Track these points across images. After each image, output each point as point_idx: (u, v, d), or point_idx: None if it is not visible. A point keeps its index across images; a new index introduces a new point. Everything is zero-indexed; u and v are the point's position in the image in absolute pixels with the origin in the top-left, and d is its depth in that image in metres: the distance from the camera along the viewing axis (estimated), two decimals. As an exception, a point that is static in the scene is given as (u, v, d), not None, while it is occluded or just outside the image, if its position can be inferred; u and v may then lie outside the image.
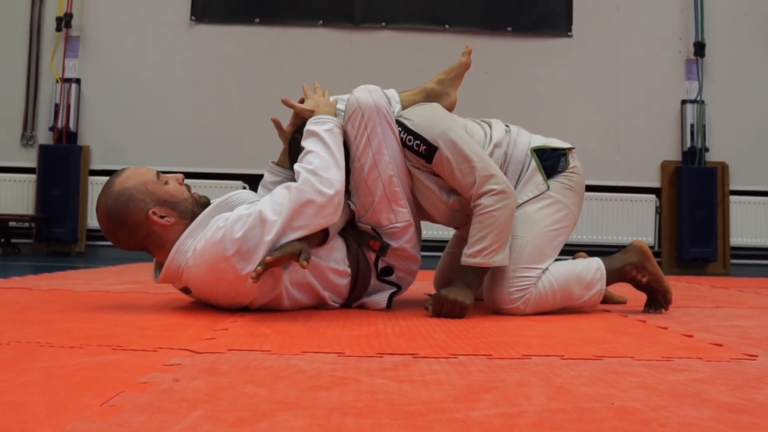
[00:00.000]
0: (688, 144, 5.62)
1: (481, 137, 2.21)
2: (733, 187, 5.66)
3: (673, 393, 1.13)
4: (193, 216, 1.96)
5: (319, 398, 1.03)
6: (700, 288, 3.54)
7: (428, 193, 2.14)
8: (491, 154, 2.17)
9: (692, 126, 5.63)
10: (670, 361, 1.41)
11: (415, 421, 0.93)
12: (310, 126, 2.04)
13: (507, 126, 2.30)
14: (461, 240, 2.38)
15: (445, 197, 2.13)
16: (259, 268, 1.79)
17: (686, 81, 5.72)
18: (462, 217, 2.19)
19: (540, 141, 2.27)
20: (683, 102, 5.68)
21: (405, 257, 2.15)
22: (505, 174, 2.16)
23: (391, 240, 2.12)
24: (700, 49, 5.66)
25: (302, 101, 2.17)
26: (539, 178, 2.20)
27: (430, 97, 2.38)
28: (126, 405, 0.96)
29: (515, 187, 2.18)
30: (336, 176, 1.93)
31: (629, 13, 5.73)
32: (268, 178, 2.28)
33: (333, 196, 1.90)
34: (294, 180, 1.97)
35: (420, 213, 2.24)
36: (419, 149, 2.08)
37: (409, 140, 2.09)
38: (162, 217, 1.93)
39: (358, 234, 2.14)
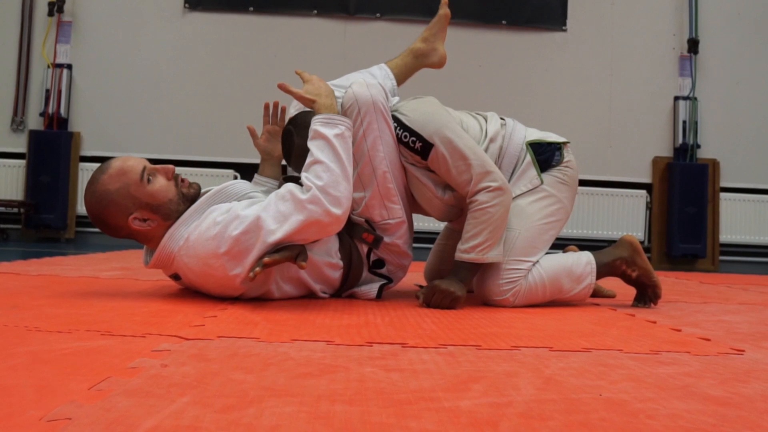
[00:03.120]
0: (680, 140, 5.63)
1: (477, 132, 2.20)
2: (723, 184, 5.68)
3: (661, 386, 1.13)
4: (179, 216, 1.93)
5: (307, 386, 1.03)
6: (688, 283, 3.56)
7: (423, 189, 2.13)
8: (486, 149, 2.16)
9: (684, 122, 5.64)
10: (659, 354, 1.42)
11: (403, 409, 0.93)
12: (318, 126, 1.92)
13: (502, 119, 2.29)
14: (453, 232, 2.38)
15: (440, 193, 2.13)
16: (257, 269, 1.79)
17: (679, 77, 5.73)
18: (456, 211, 2.19)
19: (535, 135, 2.27)
20: (676, 98, 5.69)
21: (396, 252, 2.15)
22: (500, 167, 2.17)
23: (383, 235, 2.12)
24: (693, 46, 5.67)
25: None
26: (533, 172, 2.20)
27: (419, 56, 2.45)
28: (114, 389, 0.96)
29: (509, 180, 2.18)
30: (345, 192, 1.85)
31: (624, 9, 5.73)
32: (254, 191, 2.27)
33: (340, 216, 1.84)
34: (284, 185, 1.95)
35: (414, 207, 2.24)
36: (415, 146, 2.06)
37: (405, 136, 2.07)
38: (144, 220, 1.91)
39: (351, 226, 2.13)
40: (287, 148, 2.10)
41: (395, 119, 2.09)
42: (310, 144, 1.91)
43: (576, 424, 0.90)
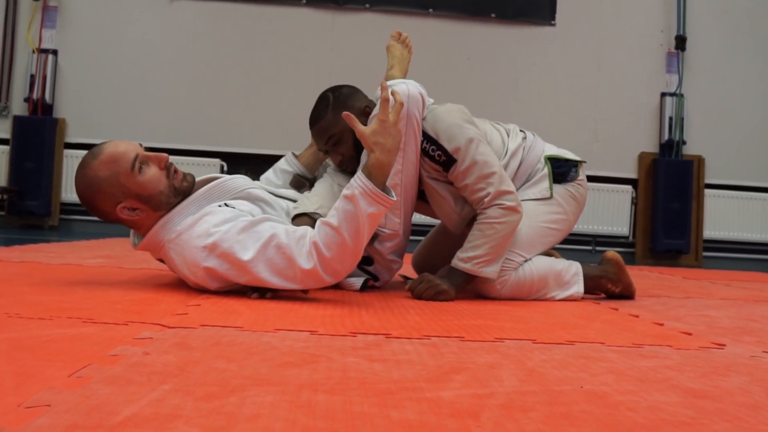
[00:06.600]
0: (666, 136, 5.65)
1: (499, 146, 2.23)
2: (708, 180, 5.71)
3: (642, 378, 1.14)
4: (171, 207, 1.90)
5: (290, 375, 1.03)
6: (672, 278, 3.58)
7: (443, 203, 2.15)
8: (507, 164, 2.19)
9: (671, 119, 5.66)
10: (640, 347, 1.43)
11: (385, 399, 0.93)
12: (358, 193, 1.74)
13: (522, 131, 2.33)
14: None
15: (458, 208, 2.15)
16: (255, 295, 1.83)
17: (666, 74, 5.74)
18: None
19: (554, 150, 2.31)
20: (663, 94, 5.71)
21: (380, 261, 2.18)
22: (515, 176, 2.21)
23: (374, 239, 2.13)
24: (681, 42, 5.69)
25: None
26: (545, 184, 2.23)
27: None
28: (94, 377, 0.95)
29: (520, 187, 2.22)
30: (348, 266, 1.80)
31: (612, 5, 5.74)
32: (281, 164, 2.35)
33: (335, 281, 1.83)
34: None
35: (427, 212, 2.29)
36: (440, 159, 2.07)
37: (432, 149, 2.08)
38: (133, 209, 1.88)
39: None
40: (315, 115, 2.15)
41: (422, 131, 2.09)
42: (341, 203, 1.77)
43: (557, 416, 0.90)
